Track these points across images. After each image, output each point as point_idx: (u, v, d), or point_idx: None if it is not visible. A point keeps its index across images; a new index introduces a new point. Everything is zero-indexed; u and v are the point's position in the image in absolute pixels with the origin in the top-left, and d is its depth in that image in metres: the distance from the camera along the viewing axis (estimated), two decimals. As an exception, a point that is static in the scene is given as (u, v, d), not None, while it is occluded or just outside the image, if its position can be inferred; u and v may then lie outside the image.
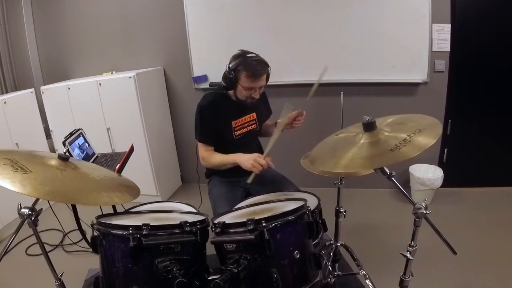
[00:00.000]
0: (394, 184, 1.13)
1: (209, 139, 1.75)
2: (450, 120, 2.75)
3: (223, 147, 1.74)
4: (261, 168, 1.52)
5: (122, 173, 1.54)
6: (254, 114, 1.82)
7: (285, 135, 2.01)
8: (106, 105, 2.78)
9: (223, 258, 1.11)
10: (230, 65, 1.62)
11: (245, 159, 1.56)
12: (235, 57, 1.63)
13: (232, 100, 1.75)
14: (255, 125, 1.83)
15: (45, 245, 1.12)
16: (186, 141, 3.27)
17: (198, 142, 1.77)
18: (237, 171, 1.79)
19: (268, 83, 1.72)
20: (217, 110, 1.73)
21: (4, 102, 2.59)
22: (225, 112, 1.73)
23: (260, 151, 1.98)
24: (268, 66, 1.64)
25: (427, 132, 1.12)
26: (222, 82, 1.68)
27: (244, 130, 1.80)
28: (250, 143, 1.87)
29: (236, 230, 1.07)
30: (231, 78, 1.61)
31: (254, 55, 1.63)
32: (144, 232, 1.00)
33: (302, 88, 2.87)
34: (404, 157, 1.04)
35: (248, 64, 1.58)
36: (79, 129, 2.00)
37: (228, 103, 1.75)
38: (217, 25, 2.78)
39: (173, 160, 3.34)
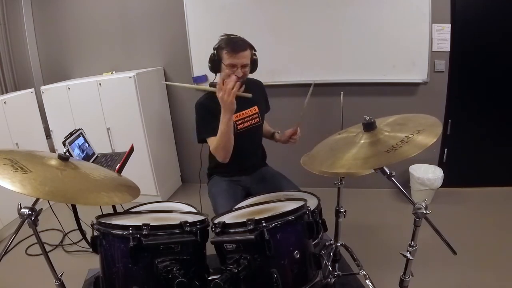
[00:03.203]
0: (394, 184, 1.13)
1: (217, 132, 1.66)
2: (450, 120, 2.75)
3: None
4: (232, 86, 1.44)
5: (122, 173, 1.54)
6: (256, 107, 1.81)
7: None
8: (106, 105, 2.77)
9: (223, 258, 1.11)
10: (214, 46, 1.65)
11: (222, 107, 1.50)
12: (218, 40, 1.65)
13: None
14: (257, 118, 1.81)
15: (45, 245, 1.12)
16: (186, 141, 3.27)
17: (207, 139, 1.68)
18: (237, 169, 1.80)
19: (267, 83, 1.71)
20: (214, 104, 1.71)
21: (4, 102, 2.59)
22: None
23: (263, 146, 1.98)
24: (252, 47, 1.65)
25: (427, 132, 1.12)
26: (209, 64, 1.68)
27: (246, 124, 1.78)
28: (253, 137, 1.86)
29: (236, 230, 1.07)
30: (214, 59, 1.64)
31: (237, 35, 1.65)
32: (144, 232, 1.00)
33: (302, 88, 2.89)
34: (404, 156, 1.04)
35: (228, 40, 1.61)
36: (79, 129, 2.00)
37: None
38: (217, 25, 2.78)
39: (173, 160, 3.34)
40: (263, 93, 1.94)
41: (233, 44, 1.59)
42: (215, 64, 1.65)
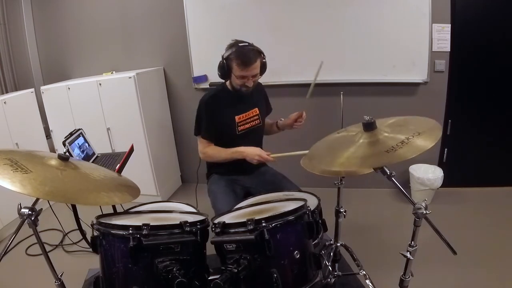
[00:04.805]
0: (394, 184, 1.13)
1: (211, 135, 1.76)
2: (450, 120, 2.75)
3: (226, 143, 1.74)
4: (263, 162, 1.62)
5: (122, 173, 1.54)
6: (257, 109, 1.82)
7: (285, 134, 2.02)
8: (106, 105, 2.77)
9: (223, 258, 1.11)
10: (223, 55, 1.65)
11: (250, 153, 1.63)
12: (228, 47, 1.65)
13: (233, 94, 1.75)
14: (258, 120, 1.83)
15: (45, 245, 1.12)
16: (186, 141, 3.27)
17: (198, 137, 1.78)
18: (236, 169, 1.80)
19: (267, 83, 1.72)
20: (219, 104, 1.74)
21: (4, 102, 2.59)
22: (227, 107, 1.74)
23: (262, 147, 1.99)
24: (261, 55, 1.65)
25: (426, 135, 1.12)
26: (218, 72, 1.69)
27: (247, 126, 1.79)
28: (254, 139, 1.87)
29: (236, 230, 1.07)
30: (224, 68, 1.64)
31: (247, 43, 1.64)
32: (144, 232, 1.00)
33: (302, 88, 2.88)
34: (401, 158, 1.04)
35: (239, 52, 1.60)
36: (79, 129, 2.00)
37: (229, 97, 1.76)
38: (217, 25, 2.78)
39: (173, 160, 3.34)
40: (263, 95, 1.95)
41: (244, 56, 1.58)
42: (225, 73, 1.67)
